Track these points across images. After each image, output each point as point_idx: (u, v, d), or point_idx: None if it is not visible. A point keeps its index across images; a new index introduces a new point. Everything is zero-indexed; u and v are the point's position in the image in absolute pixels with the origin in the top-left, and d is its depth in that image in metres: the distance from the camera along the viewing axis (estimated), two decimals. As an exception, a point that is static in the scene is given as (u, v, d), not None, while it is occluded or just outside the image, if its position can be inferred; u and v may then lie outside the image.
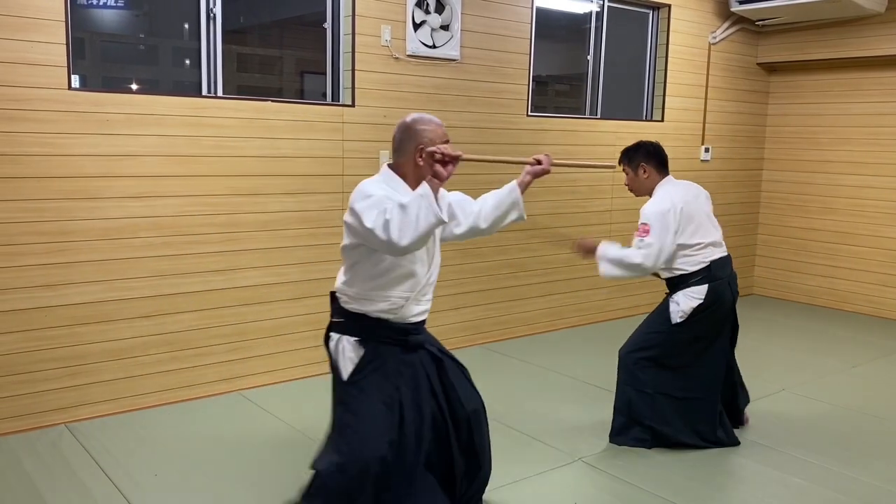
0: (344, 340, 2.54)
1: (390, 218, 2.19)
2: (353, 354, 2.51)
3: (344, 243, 2.48)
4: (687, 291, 3.45)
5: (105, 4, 3.98)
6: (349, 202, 2.35)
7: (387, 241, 2.19)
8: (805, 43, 6.41)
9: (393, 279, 2.45)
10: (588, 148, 5.65)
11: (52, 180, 3.51)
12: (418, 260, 2.49)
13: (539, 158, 2.82)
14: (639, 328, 3.64)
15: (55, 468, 3.20)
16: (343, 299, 2.57)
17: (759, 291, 7.19)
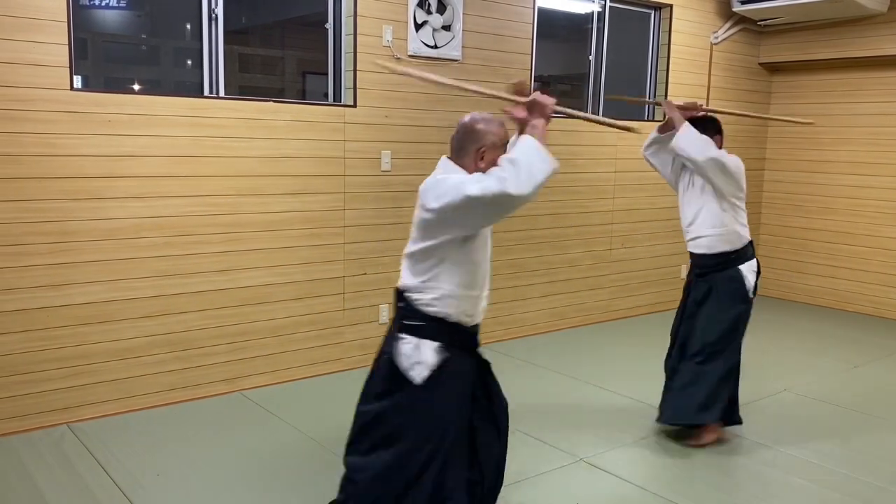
0: (423, 345, 2.45)
1: (505, 176, 2.18)
2: (432, 360, 2.42)
3: (421, 246, 2.42)
4: (750, 265, 3.60)
5: (107, 5, 3.98)
6: (422, 201, 2.34)
7: (505, 195, 2.18)
8: (807, 43, 6.41)
9: (477, 275, 2.47)
10: (590, 148, 5.66)
11: (54, 181, 3.52)
12: (486, 253, 2.53)
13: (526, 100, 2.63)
14: (712, 317, 3.56)
15: (57, 468, 3.20)
16: (421, 301, 2.46)
17: (760, 291, 7.17)
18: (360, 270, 4.57)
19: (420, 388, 2.37)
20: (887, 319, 6.21)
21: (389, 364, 2.45)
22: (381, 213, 4.61)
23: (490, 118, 2.52)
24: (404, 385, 2.40)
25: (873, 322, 6.09)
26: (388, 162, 4.60)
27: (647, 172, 6.05)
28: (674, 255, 6.41)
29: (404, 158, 4.66)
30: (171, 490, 3.05)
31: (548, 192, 5.45)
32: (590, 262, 5.82)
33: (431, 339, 2.42)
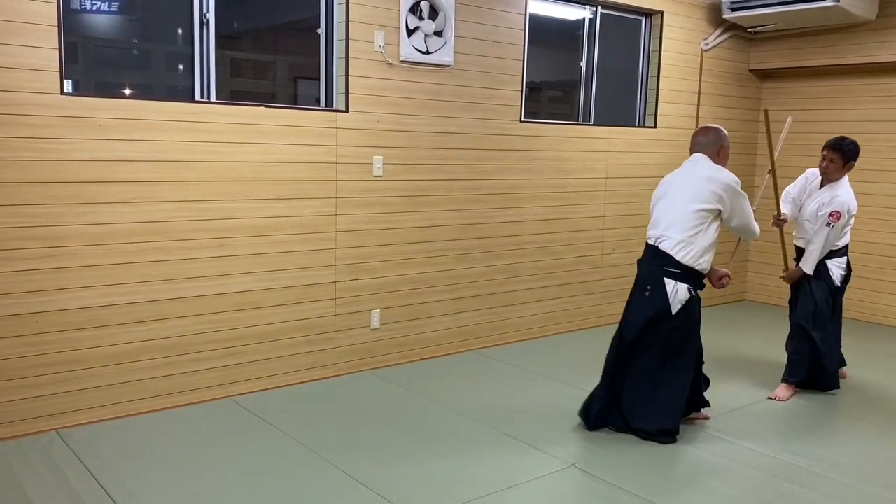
0: (680, 287, 3.63)
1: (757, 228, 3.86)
2: (683, 297, 3.64)
3: (702, 207, 3.61)
4: (837, 261, 4.40)
5: (98, 9, 3.97)
6: (726, 188, 3.64)
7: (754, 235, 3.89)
8: (797, 50, 6.45)
9: (714, 244, 3.69)
10: (581, 154, 5.67)
11: (44, 185, 3.50)
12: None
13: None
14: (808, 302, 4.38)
15: (46, 475, 3.18)
16: (681, 255, 3.62)
17: (751, 297, 7.21)
18: (351, 276, 4.57)
19: (675, 317, 3.72)
20: (879, 325, 6.24)
21: (657, 299, 3.75)
22: (372, 218, 4.61)
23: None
24: (665, 314, 3.75)
25: (865, 328, 6.12)
26: (380, 167, 4.60)
27: (638, 178, 6.08)
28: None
29: (396, 164, 4.66)
30: (160, 497, 3.03)
31: (539, 198, 5.47)
32: (581, 267, 5.83)
33: (684, 281, 3.70)
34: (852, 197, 4.32)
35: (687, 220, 3.62)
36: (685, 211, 3.63)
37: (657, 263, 3.68)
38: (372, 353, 4.74)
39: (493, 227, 5.24)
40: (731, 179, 3.67)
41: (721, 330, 5.98)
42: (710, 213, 3.61)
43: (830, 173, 4.32)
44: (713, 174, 3.67)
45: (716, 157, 3.79)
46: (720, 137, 3.80)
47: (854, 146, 4.30)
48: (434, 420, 3.91)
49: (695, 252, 3.61)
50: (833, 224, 4.22)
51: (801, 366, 4.35)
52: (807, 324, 4.31)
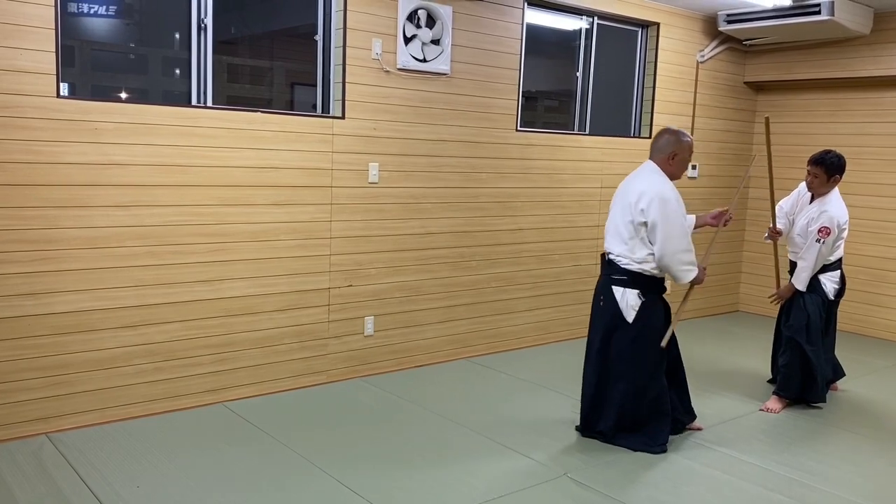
0: (628, 293, 3.59)
1: (684, 268, 3.64)
2: (635, 303, 3.59)
3: (631, 220, 3.53)
4: (830, 275, 4.39)
5: (95, 13, 3.97)
6: (650, 203, 3.48)
7: (667, 266, 3.62)
8: (791, 63, 6.49)
9: None
10: (575, 163, 5.69)
11: (38, 188, 3.49)
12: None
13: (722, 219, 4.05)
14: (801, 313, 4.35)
15: (35, 479, 3.16)
16: (625, 262, 3.59)
17: (744, 308, 7.23)
18: (345, 282, 4.56)
19: (631, 324, 3.68)
20: (869, 337, 6.26)
21: (608, 309, 3.74)
22: (367, 224, 4.61)
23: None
24: (620, 321, 3.72)
25: (855, 340, 6.14)
26: (376, 174, 4.60)
27: (633, 188, 6.09)
28: (659, 270, 6.43)
29: (392, 171, 4.67)
30: (150, 502, 3.01)
31: (534, 206, 5.48)
32: (576, 276, 5.84)
33: (632, 287, 3.66)
34: (842, 210, 4.29)
35: (622, 233, 3.59)
36: (620, 223, 3.61)
37: (606, 273, 3.71)
38: (365, 360, 4.73)
39: (488, 235, 5.24)
40: (661, 195, 3.51)
41: (714, 341, 5.99)
42: (642, 226, 3.55)
43: (816, 188, 4.32)
44: (645, 189, 3.53)
45: (668, 164, 3.65)
46: (673, 143, 3.64)
47: (837, 159, 4.27)
48: (426, 428, 3.90)
49: (637, 258, 3.57)
50: (823, 240, 4.20)
51: (792, 380, 4.34)
52: (799, 337, 4.31)
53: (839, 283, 4.42)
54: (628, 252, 3.59)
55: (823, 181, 4.27)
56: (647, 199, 3.50)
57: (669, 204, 3.52)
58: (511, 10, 5.12)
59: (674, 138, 3.64)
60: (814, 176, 4.29)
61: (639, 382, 3.66)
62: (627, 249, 3.59)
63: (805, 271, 4.29)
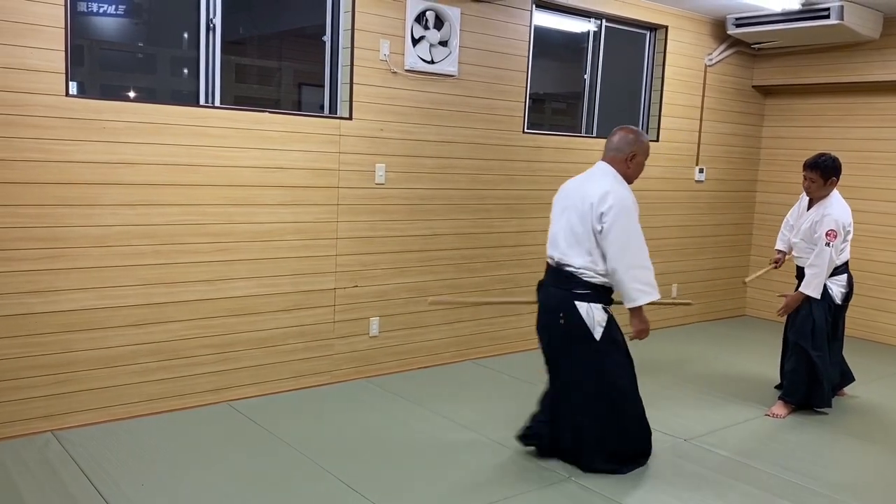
0: (594, 308, 3.28)
1: (640, 286, 3.25)
2: (601, 318, 3.29)
3: (593, 227, 3.20)
4: (836, 279, 4.33)
5: (105, 12, 3.98)
6: (609, 207, 3.16)
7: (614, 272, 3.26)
8: (800, 67, 6.47)
9: None
10: (583, 166, 5.65)
11: (47, 186, 3.51)
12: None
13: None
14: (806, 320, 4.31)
15: (41, 476, 3.17)
16: (588, 275, 3.27)
17: (751, 313, 7.20)
18: (351, 283, 4.56)
19: (600, 342, 3.35)
20: (877, 343, 6.23)
21: (572, 326, 3.40)
22: (374, 225, 4.61)
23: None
24: (585, 339, 3.37)
25: (864, 346, 6.11)
26: (383, 175, 4.60)
27: (640, 191, 6.06)
28: (665, 274, 6.42)
29: (398, 172, 4.67)
30: (154, 500, 3.02)
31: (540, 209, 5.46)
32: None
33: (598, 302, 3.34)
34: (845, 211, 4.24)
35: (584, 242, 3.25)
36: (580, 231, 3.25)
37: (564, 287, 3.33)
38: (370, 360, 4.73)
39: (494, 237, 5.24)
40: (623, 200, 3.23)
41: (720, 346, 5.97)
42: (600, 234, 3.24)
43: (814, 192, 4.29)
44: (606, 192, 3.21)
45: (625, 165, 3.34)
46: (633, 142, 3.33)
47: (831, 161, 4.22)
48: (429, 429, 3.90)
49: (602, 270, 3.26)
50: (831, 243, 4.15)
51: (798, 386, 4.32)
52: (805, 343, 4.28)
53: (846, 287, 4.38)
54: (592, 264, 3.26)
55: (820, 185, 4.24)
56: (607, 204, 3.18)
57: (630, 211, 3.24)
58: (519, 13, 5.12)
59: (633, 137, 3.33)
60: (810, 181, 4.26)
61: (619, 400, 3.40)
62: (591, 262, 3.26)
63: (816, 277, 4.21)
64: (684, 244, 6.54)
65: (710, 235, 6.78)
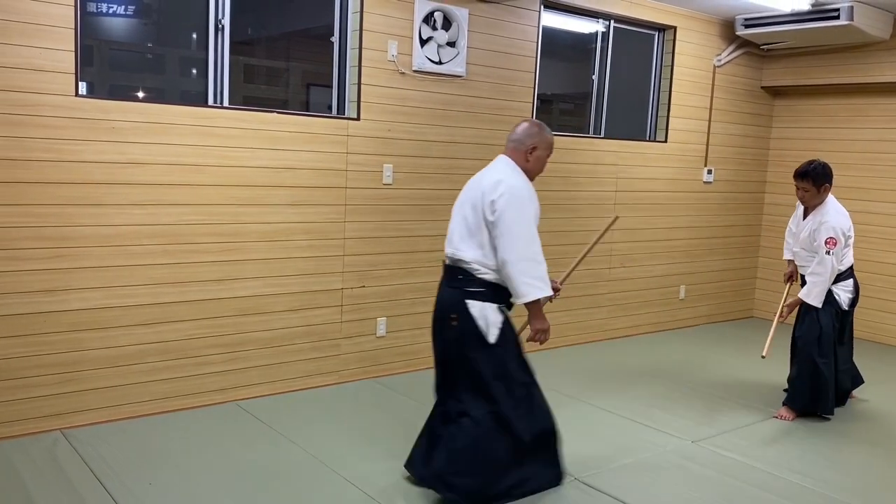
0: (487, 308, 3.02)
1: (529, 281, 2.97)
2: (496, 319, 3.03)
3: (484, 218, 2.97)
4: (842, 285, 4.29)
5: (114, 13, 4.00)
6: (501, 196, 2.94)
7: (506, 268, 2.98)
8: (809, 68, 6.44)
9: None
10: (590, 167, 5.67)
11: (56, 186, 3.53)
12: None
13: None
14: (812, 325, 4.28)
15: (49, 474, 3.18)
16: (481, 271, 3.02)
17: (759, 314, 7.18)
18: (358, 283, 4.57)
19: (495, 345, 3.08)
20: (886, 346, 6.20)
21: (464, 328, 3.10)
22: (381, 226, 4.61)
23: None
24: (478, 342, 3.09)
25: (872, 348, 6.08)
26: (390, 175, 4.61)
27: (648, 192, 6.08)
28: (672, 275, 6.41)
29: (406, 172, 4.67)
30: (162, 499, 3.03)
31: (547, 209, 5.45)
32: (588, 280, 5.82)
33: (492, 301, 3.07)
34: (841, 217, 4.19)
35: (476, 234, 3.01)
36: (472, 223, 3.03)
37: (455, 286, 3.08)
38: (377, 360, 4.74)
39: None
40: (515, 189, 2.99)
41: (729, 347, 5.95)
42: (493, 225, 2.99)
43: (809, 201, 4.24)
44: (498, 180, 3.00)
45: (524, 159, 3.13)
46: (535, 135, 3.12)
47: (822, 168, 4.15)
48: (437, 430, 3.89)
49: (494, 265, 3.01)
50: (832, 251, 4.10)
51: (801, 393, 4.27)
52: (811, 349, 4.22)
53: (853, 292, 4.35)
54: (484, 258, 3.01)
55: (814, 193, 4.18)
56: (498, 192, 2.96)
57: (523, 202, 3.00)
58: (527, 13, 5.11)
59: (535, 130, 3.13)
60: (803, 190, 4.20)
61: (516, 410, 3.11)
62: (483, 255, 3.01)
63: (817, 286, 4.18)
64: (692, 245, 6.53)
65: (719, 237, 6.76)
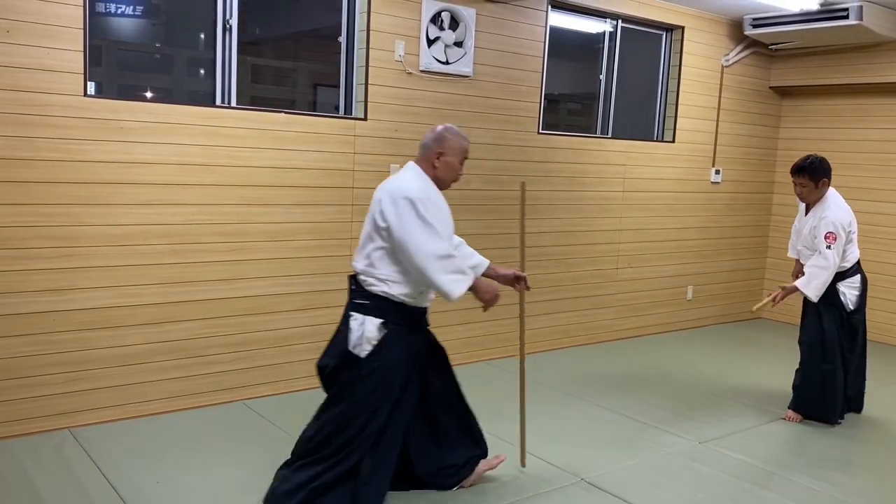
0: (368, 322, 2.85)
1: (446, 277, 2.79)
2: (373, 336, 2.84)
3: (381, 224, 2.80)
4: (848, 282, 4.20)
5: (123, 13, 4.02)
6: (395, 201, 2.76)
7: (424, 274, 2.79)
8: (818, 68, 6.41)
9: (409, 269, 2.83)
10: (597, 167, 5.66)
11: (65, 185, 3.54)
12: None
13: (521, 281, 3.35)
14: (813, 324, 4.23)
15: (57, 473, 3.20)
16: (368, 282, 2.87)
17: (767, 315, 7.15)
18: (365, 283, 4.57)
19: (364, 361, 2.91)
20: (891, 346, 6.16)
21: (345, 342, 2.97)
22: (388, 226, 4.61)
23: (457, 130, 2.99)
24: (351, 357, 2.93)
25: (880, 349, 6.04)
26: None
27: (656, 192, 6.06)
28: (681, 276, 6.39)
29: (413, 172, 4.67)
30: (170, 498, 3.04)
31: (554, 210, 5.46)
32: (596, 280, 5.81)
33: (374, 315, 2.89)
34: (843, 211, 4.09)
35: (366, 244, 2.88)
36: (366, 232, 2.91)
37: (349, 295, 2.97)
38: (383, 360, 4.73)
39: (507, 238, 5.23)
40: (408, 193, 2.78)
41: (737, 348, 5.93)
42: (384, 232, 2.82)
43: (807, 197, 4.15)
44: (392, 187, 2.84)
45: (431, 166, 2.93)
46: (440, 141, 2.93)
47: (819, 162, 4.07)
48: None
49: (381, 275, 2.85)
50: (832, 245, 4.00)
51: (806, 398, 4.21)
52: (814, 355, 4.16)
53: (860, 288, 4.23)
54: (370, 268, 2.86)
55: (812, 189, 4.09)
56: (388, 198, 2.79)
57: (418, 204, 2.76)
58: (534, 13, 5.11)
59: (444, 135, 2.93)
60: (801, 186, 4.10)
61: (344, 437, 2.87)
62: (368, 265, 2.86)
63: (818, 278, 4.05)
64: (700, 246, 6.51)
65: (727, 237, 6.73)
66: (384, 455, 2.91)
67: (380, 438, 2.89)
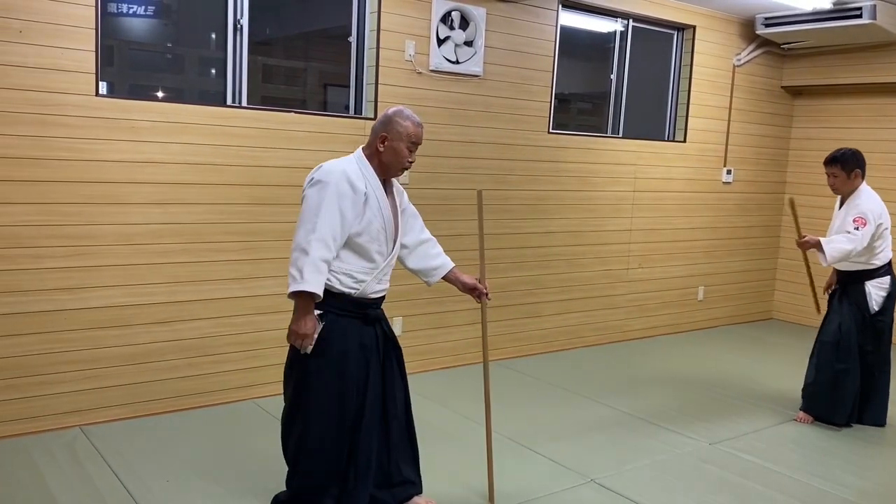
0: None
1: (291, 270, 2.68)
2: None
3: None
4: (877, 282, 4.12)
5: (134, 13, 4.04)
6: (308, 182, 2.69)
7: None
8: (830, 67, 6.37)
9: (354, 260, 2.72)
10: (608, 167, 5.64)
11: (77, 185, 3.56)
12: (380, 245, 2.77)
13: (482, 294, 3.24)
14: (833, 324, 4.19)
15: (68, 470, 3.22)
16: None
17: (778, 316, 7.11)
18: (375, 282, 4.57)
19: (309, 356, 2.79)
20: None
21: None
22: (397, 225, 4.61)
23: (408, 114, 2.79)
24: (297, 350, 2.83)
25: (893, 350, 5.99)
26: (406, 175, 4.60)
27: (666, 192, 6.04)
28: (691, 276, 6.36)
29: (422, 172, 4.67)
30: (179, 496, 3.05)
31: (565, 210, 5.44)
32: (606, 280, 5.80)
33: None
34: (875, 203, 4.01)
35: None
36: None
37: None
38: (393, 360, 4.74)
39: (518, 238, 5.23)
40: (323, 175, 2.64)
41: (748, 349, 5.90)
42: None
43: (840, 187, 4.09)
44: (319, 167, 2.73)
45: (376, 151, 2.74)
46: (385, 124, 2.74)
47: (852, 153, 4.03)
48: (450, 430, 3.90)
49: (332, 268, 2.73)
50: (860, 228, 3.90)
51: (817, 398, 4.18)
52: (829, 354, 4.12)
53: (889, 290, 4.09)
54: None
55: (844, 179, 4.04)
56: (307, 178, 2.70)
57: (326, 187, 2.61)
58: (545, 13, 5.10)
59: (389, 118, 2.74)
60: (833, 176, 4.06)
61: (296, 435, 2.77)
62: None
63: (838, 243, 3.90)
64: (712, 246, 6.48)
65: (738, 238, 6.70)
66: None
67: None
